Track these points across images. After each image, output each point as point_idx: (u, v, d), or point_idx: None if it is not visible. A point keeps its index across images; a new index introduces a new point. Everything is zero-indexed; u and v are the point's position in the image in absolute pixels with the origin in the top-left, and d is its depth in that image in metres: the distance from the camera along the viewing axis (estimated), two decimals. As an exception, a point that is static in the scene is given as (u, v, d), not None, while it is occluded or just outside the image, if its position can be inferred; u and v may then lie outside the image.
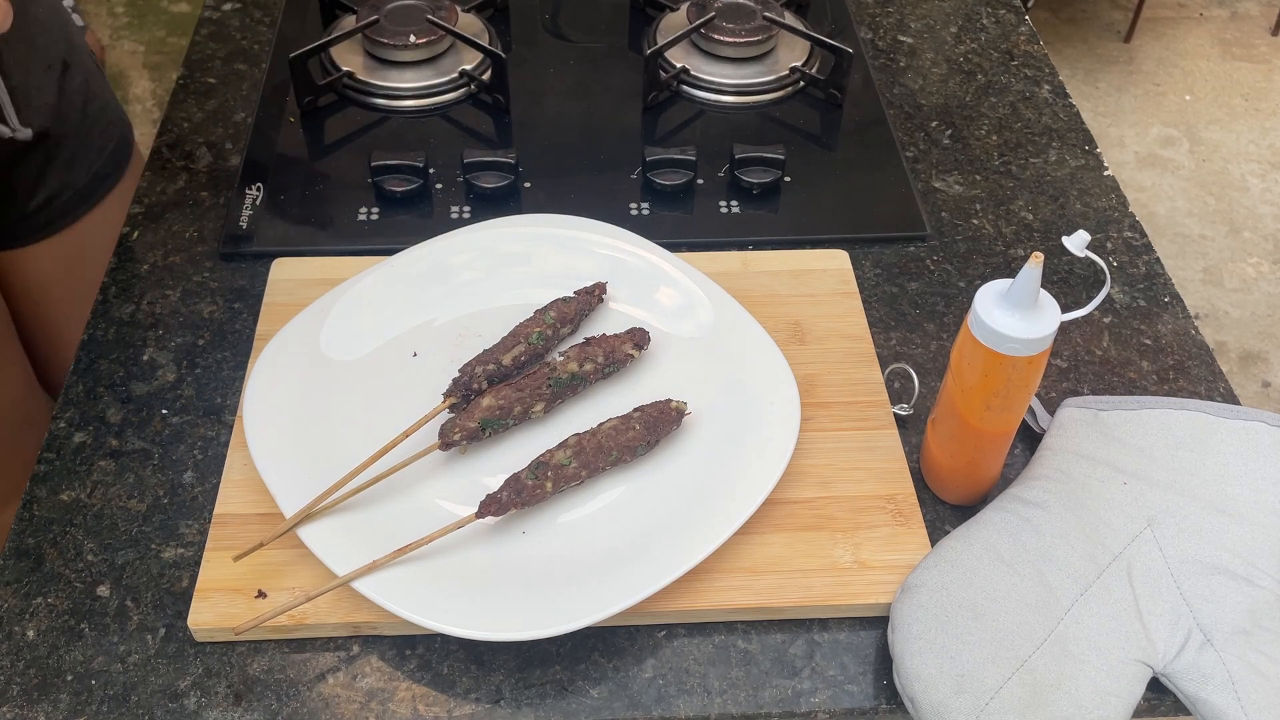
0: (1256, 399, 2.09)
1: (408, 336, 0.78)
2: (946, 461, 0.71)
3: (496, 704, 0.63)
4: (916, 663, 0.61)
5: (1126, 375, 0.82)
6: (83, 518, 0.71)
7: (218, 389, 0.78)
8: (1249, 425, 0.70)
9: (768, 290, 0.84)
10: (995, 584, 0.64)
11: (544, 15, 1.14)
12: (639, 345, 0.76)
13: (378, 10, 1.04)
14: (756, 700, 0.64)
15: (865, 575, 0.67)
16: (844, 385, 0.78)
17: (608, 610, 0.62)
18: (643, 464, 0.71)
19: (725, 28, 1.04)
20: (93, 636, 0.65)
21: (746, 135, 0.99)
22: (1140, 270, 0.90)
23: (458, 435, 0.70)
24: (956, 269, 0.89)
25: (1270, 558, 0.66)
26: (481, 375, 0.73)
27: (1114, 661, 0.61)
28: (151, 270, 0.87)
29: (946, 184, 0.96)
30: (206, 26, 1.12)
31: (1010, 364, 0.62)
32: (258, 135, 0.98)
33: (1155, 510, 0.67)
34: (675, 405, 0.72)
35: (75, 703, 0.62)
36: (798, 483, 0.72)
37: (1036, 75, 1.09)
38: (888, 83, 1.07)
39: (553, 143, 0.98)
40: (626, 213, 0.91)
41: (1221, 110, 2.72)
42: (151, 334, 0.82)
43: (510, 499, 0.66)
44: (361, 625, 0.65)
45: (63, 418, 0.76)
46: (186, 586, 0.67)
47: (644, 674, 0.64)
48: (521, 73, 1.05)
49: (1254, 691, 0.61)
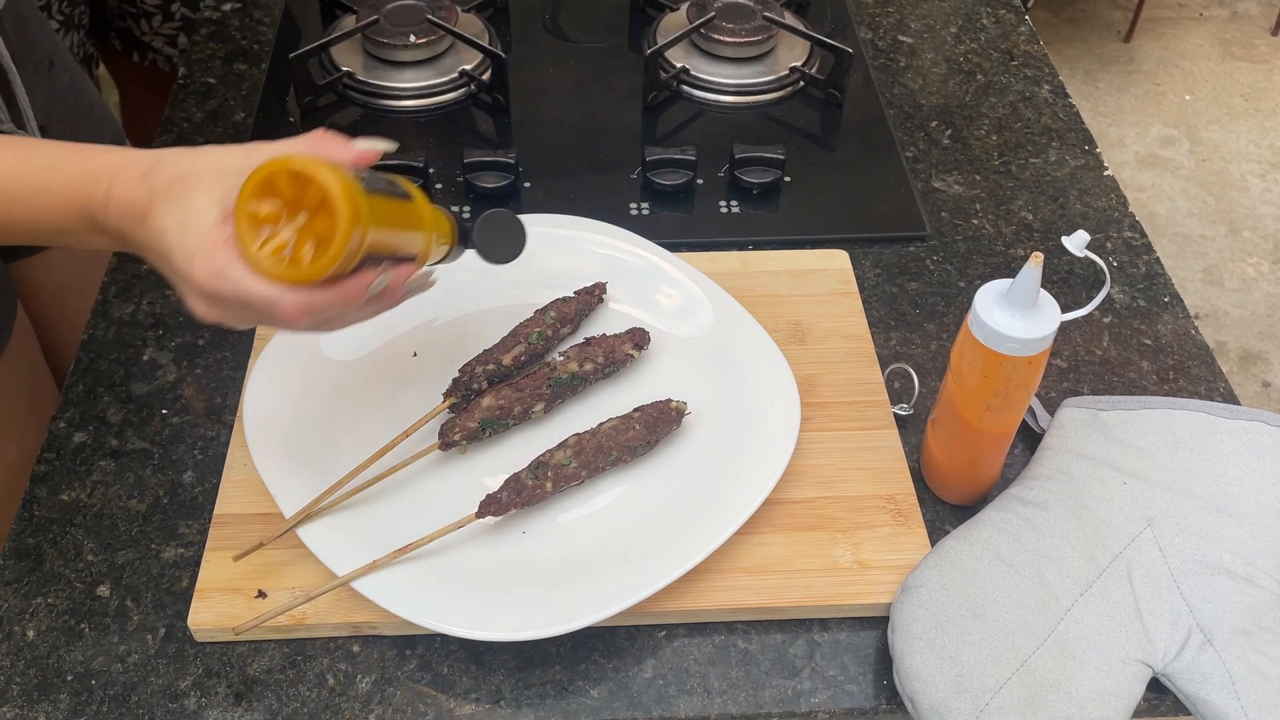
0: (1256, 399, 2.09)
1: (408, 336, 0.78)
2: (946, 461, 0.71)
3: (496, 704, 0.63)
4: (916, 663, 0.61)
5: (1126, 375, 0.82)
6: (83, 518, 0.71)
7: (218, 389, 0.78)
8: (1249, 425, 0.70)
9: (768, 290, 0.84)
10: (995, 584, 0.64)
11: (544, 15, 1.14)
12: (639, 345, 0.76)
13: (378, 10, 1.04)
14: (756, 700, 0.64)
15: (865, 575, 0.67)
16: (844, 385, 0.78)
17: (608, 610, 0.62)
18: (643, 464, 0.71)
19: (725, 28, 1.04)
20: (93, 636, 0.65)
21: (746, 135, 0.99)
22: (1140, 270, 0.90)
23: (458, 435, 0.70)
24: (956, 269, 0.89)
25: (1270, 558, 0.66)
26: (481, 375, 0.73)
27: (1114, 661, 0.61)
28: (151, 270, 0.87)
29: (946, 184, 0.96)
30: (206, 26, 1.12)
31: (1010, 364, 0.62)
32: (258, 135, 0.98)
33: (1155, 510, 0.67)
34: (675, 405, 0.72)
35: (75, 703, 0.62)
36: (798, 483, 0.72)
37: (1036, 75, 1.09)
38: (888, 83, 1.07)
39: (553, 143, 0.98)
40: (626, 213, 0.91)
41: (1221, 110, 2.72)
42: (151, 334, 0.82)
43: (510, 499, 0.66)
44: (361, 625, 0.65)
45: (63, 418, 0.76)
46: (186, 586, 0.67)
47: (644, 674, 0.64)
48: (521, 73, 1.05)
49: (1254, 691, 0.61)
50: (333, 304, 0.54)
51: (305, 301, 0.53)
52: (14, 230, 0.59)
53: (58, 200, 0.57)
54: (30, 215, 0.58)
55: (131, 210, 0.55)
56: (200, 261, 0.53)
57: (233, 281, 0.52)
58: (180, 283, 0.55)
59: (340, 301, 0.54)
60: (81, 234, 0.58)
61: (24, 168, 0.57)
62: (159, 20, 1.31)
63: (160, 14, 1.30)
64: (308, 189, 0.52)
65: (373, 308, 0.58)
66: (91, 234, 0.58)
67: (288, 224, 0.52)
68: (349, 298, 0.54)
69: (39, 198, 0.57)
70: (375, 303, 0.58)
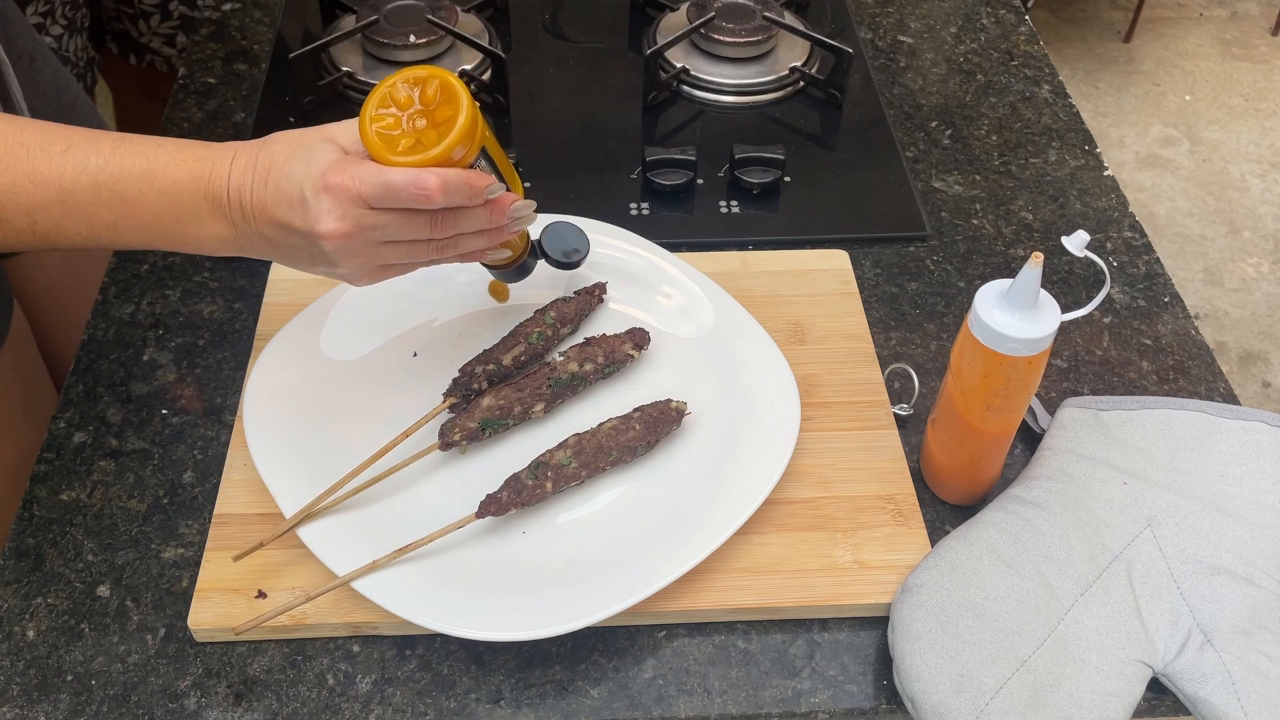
0: (1256, 399, 2.09)
1: (408, 336, 0.78)
2: (946, 461, 0.71)
3: (496, 704, 0.63)
4: (916, 663, 0.61)
5: (1126, 375, 0.82)
6: (83, 518, 0.71)
7: (218, 389, 0.78)
8: (1249, 425, 0.70)
9: (768, 290, 0.84)
10: (995, 584, 0.64)
11: (544, 15, 1.14)
12: (639, 345, 0.76)
13: (378, 10, 1.04)
14: (756, 700, 0.64)
15: (865, 575, 0.67)
16: (844, 385, 0.78)
17: (608, 610, 0.62)
18: (643, 464, 0.71)
19: (725, 28, 1.04)
20: (93, 636, 0.65)
21: (746, 135, 0.99)
22: (1140, 270, 0.90)
23: (458, 435, 0.70)
24: (956, 269, 0.89)
25: (1270, 558, 0.66)
26: (481, 375, 0.73)
27: (1114, 661, 0.61)
28: (151, 270, 0.87)
29: (946, 184, 0.96)
30: (206, 26, 1.12)
31: (1010, 364, 0.62)
32: (258, 135, 0.97)
33: (1155, 510, 0.67)
34: (675, 405, 0.72)
35: (75, 703, 0.62)
36: (798, 483, 0.72)
37: (1036, 75, 1.09)
38: (888, 83, 1.07)
39: (553, 143, 0.98)
40: (626, 213, 0.91)
41: (1221, 110, 2.72)
42: (151, 334, 0.82)
43: (510, 499, 0.66)
44: (361, 625, 0.65)
45: (63, 418, 0.76)
46: (186, 586, 0.67)
47: (644, 674, 0.64)
48: (521, 73, 1.05)
49: (1254, 691, 0.61)
50: (462, 186, 0.58)
51: (441, 178, 0.57)
52: (140, 214, 0.60)
53: (184, 178, 0.59)
54: (158, 195, 0.60)
55: (253, 174, 0.59)
56: (334, 173, 0.57)
57: (371, 173, 0.57)
58: (312, 214, 0.58)
59: (467, 185, 0.58)
60: (203, 217, 0.60)
61: (155, 149, 0.60)
62: (157, 20, 1.31)
63: (158, 13, 1.30)
64: (425, 92, 0.59)
65: (484, 226, 0.62)
66: (212, 216, 0.60)
67: (410, 125, 0.59)
68: (474, 184, 0.59)
69: (169, 175, 0.59)
70: (487, 220, 0.62)
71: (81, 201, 0.59)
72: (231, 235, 0.61)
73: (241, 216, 0.60)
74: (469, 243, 0.63)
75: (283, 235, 0.59)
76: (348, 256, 0.59)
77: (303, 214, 0.58)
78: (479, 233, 0.62)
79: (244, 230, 0.60)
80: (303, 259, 0.62)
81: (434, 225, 0.60)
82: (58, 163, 0.59)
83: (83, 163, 0.59)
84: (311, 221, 0.58)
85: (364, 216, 0.58)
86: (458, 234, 0.61)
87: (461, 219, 0.60)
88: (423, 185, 0.56)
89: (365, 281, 0.63)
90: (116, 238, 0.61)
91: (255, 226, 0.60)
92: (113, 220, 0.60)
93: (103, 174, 0.59)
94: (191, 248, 0.62)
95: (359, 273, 0.62)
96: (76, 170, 0.59)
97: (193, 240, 0.61)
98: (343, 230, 0.58)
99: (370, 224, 0.58)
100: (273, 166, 0.59)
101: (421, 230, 0.59)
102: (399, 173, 0.57)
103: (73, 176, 0.59)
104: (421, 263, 0.63)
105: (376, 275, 0.63)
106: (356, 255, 0.59)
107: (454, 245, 0.62)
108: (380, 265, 0.62)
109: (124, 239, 0.61)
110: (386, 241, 0.60)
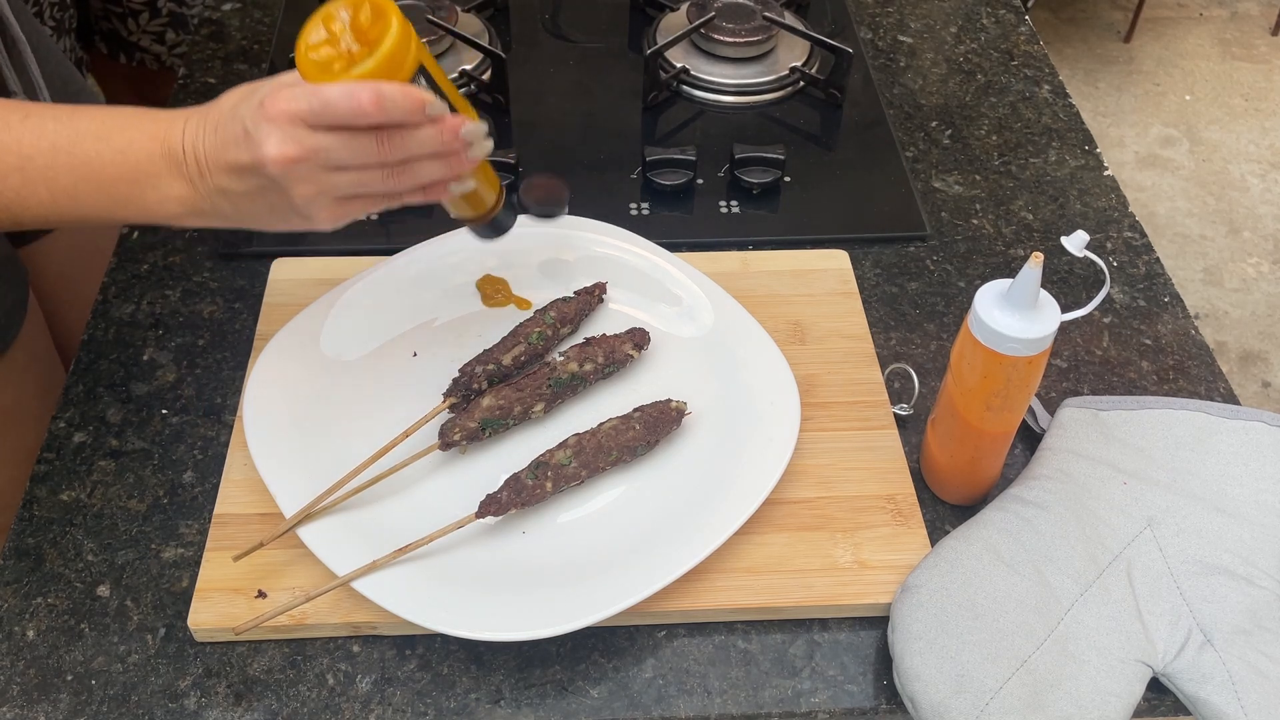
0: (1256, 399, 2.09)
1: (408, 336, 0.78)
2: (946, 461, 0.71)
3: (496, 704, 0.63)
4: (916, 663, 0.61)
5: (1126, 375, 0.82)
6: (83, 518, 0.71)
7: (218, 389, 0.78)
8: (1249, 425, 0.70)
9: (768, 290, 0.84)
10: (995, 584, 0.64)
11: (544, 15, 1.14)
12: (639, 345, 0.76)
13: (378, 10, 1.03)
14: (756, 700, 0.64)
15: (865, 575, 0.67)
16: (844, 385, 0.78)
17: (608, 610, 0.62)
18: (643, 464, 0.71)
19: (725, 28, 1.04)
20: (93, 636, 0.65)
21: (746, 135, 0.98)
22: (1140, 270, 0.90)
23: (458, 435, 0.70)
24: (956, 269, 0.89)
25: (1270, 558, 0.66)
26: (481, 375, 0.73)
27: (1114, 661, 0.61)
28: (151, 270, 0.87)
29: (946, 184, 0.96)
30: (206, 26, 1.12)
31: (1010, 364, 0.62)
32: (258, 135, 0.97)
33: (1155, 510, 0.67)
34: (675, 405, 0.72)
35: (75, 703, 0.62)
36: (798, 483, 0.72)
37: (1036, 75, 1.09)
38: (888, 83, 1.07)
39: (553, 143, 0.98)
40: (626, 213, 0.91)
41: (1221, 110, 2.72)
42: (151, 334, 0.82)
43: (510, 499, 0.66)
44: (361, 625, 0.65)
45: (63, 418, 0.76)
46: (186, 586, 0.67)
47: (644, 674, 0.64)
48: (521, 73, 1.05)
49: (1254, 691, 0.61)
50: (398, 97, 0.56)
51: (375, 89, 0.56)
52: (98, 175, 0.60)
53: (141, 137, 0.60)
54: (114, 154, 0.60)
55: (204, 126, 0.59)
56: (270, 100, 0.56)
57: (307, 91, 0.56)
58: (255, 142, 0.57)
59: (403, 97, 0.57)
60: (160, 177, 0.60)
61: (110, 113, 0.61)
62: (146, 18, 1.30)
63: (147, 11, 1.29)
64: (356, 18, 0.58)
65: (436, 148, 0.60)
66: (169, 175, 0.60)
67: (345, 51, 0.58)
68: (411, 96, 0.57)
69: (125, 134, 0.60)
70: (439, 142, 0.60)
71: (40, 166, 0.60)
72: (190, 195, 0.61)
73: (198, 171, 0.60)
74: (424, 170, 0.60)
75: (237, 180, 0.59)
76: (298, 184, 0.58)
77: (248, 146, 0.57)
78: (433, 158, 0.60)
79: (201, 188, 0.60)
80: (261, 209, 0.61)
81: (381, 146, 0.58)
82: (16, 130, 0.60)
83: (40, 127, 0.60)
84: (254, 149, 0.57)
85: (306, 138, 0.57)
86: (409, 158, 0.59)
87: (409, 139, 0.58)
88: (356, 97, 0.56)
89: (328, 221, 0.61)
90: (77, 207, 0.61)
91: (211, 180, 0.60)
92: (72, 184, 0.60)
93: (60, 137, 0.60)
94: (154, 215, 0.62)
95: (318, 208, 0.60)
96: (35, 135, 0.60)
97: (154, 204, 0.61)
98: (286, 153, 0.57)
99: (314, 145, 0.57)
100: (220, 115, 0.59)
101: (369, 152, 0.58)
102: (333, 87, 0.56)
103: (31, 141, 0.60)
104: (378, 193, 0.61)
105: (336, 211, 0.61)
106: (307, 182, 0.58)
107: (409, 173, 0.60)
108: (337, 198, 0.60)
109: (85, 207, 0.61)
110: (336, 167, 0.58)
